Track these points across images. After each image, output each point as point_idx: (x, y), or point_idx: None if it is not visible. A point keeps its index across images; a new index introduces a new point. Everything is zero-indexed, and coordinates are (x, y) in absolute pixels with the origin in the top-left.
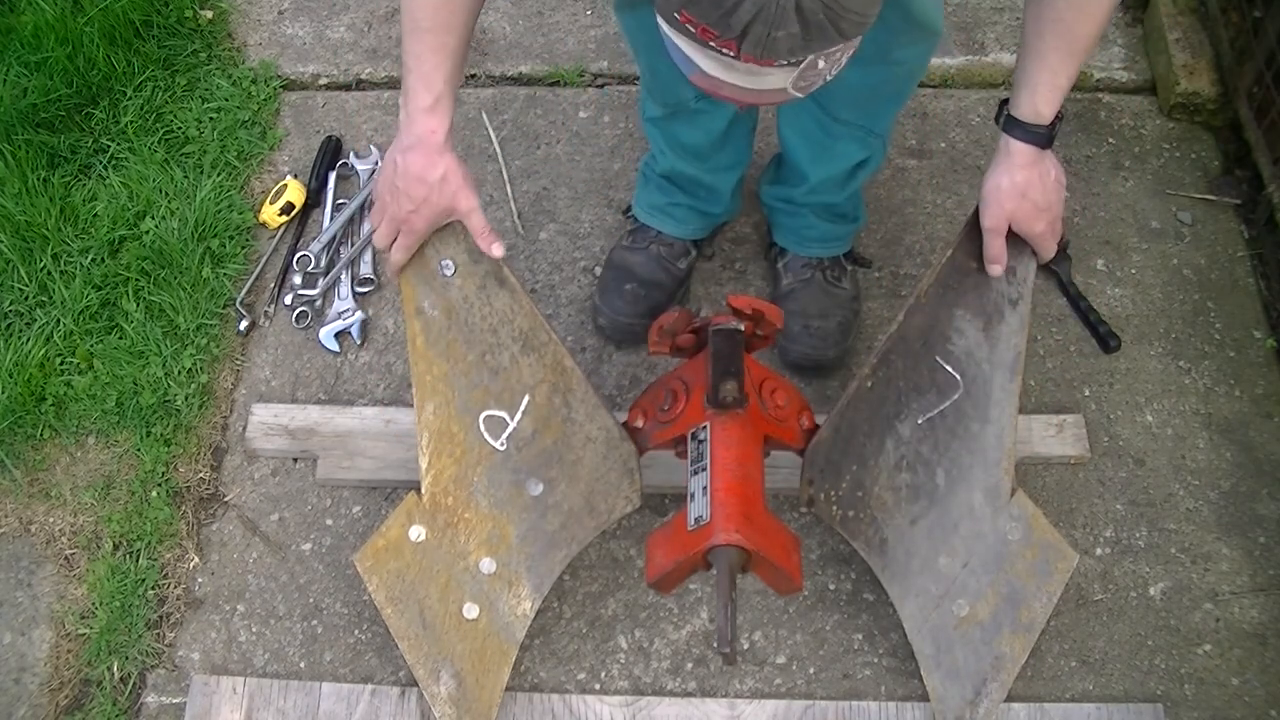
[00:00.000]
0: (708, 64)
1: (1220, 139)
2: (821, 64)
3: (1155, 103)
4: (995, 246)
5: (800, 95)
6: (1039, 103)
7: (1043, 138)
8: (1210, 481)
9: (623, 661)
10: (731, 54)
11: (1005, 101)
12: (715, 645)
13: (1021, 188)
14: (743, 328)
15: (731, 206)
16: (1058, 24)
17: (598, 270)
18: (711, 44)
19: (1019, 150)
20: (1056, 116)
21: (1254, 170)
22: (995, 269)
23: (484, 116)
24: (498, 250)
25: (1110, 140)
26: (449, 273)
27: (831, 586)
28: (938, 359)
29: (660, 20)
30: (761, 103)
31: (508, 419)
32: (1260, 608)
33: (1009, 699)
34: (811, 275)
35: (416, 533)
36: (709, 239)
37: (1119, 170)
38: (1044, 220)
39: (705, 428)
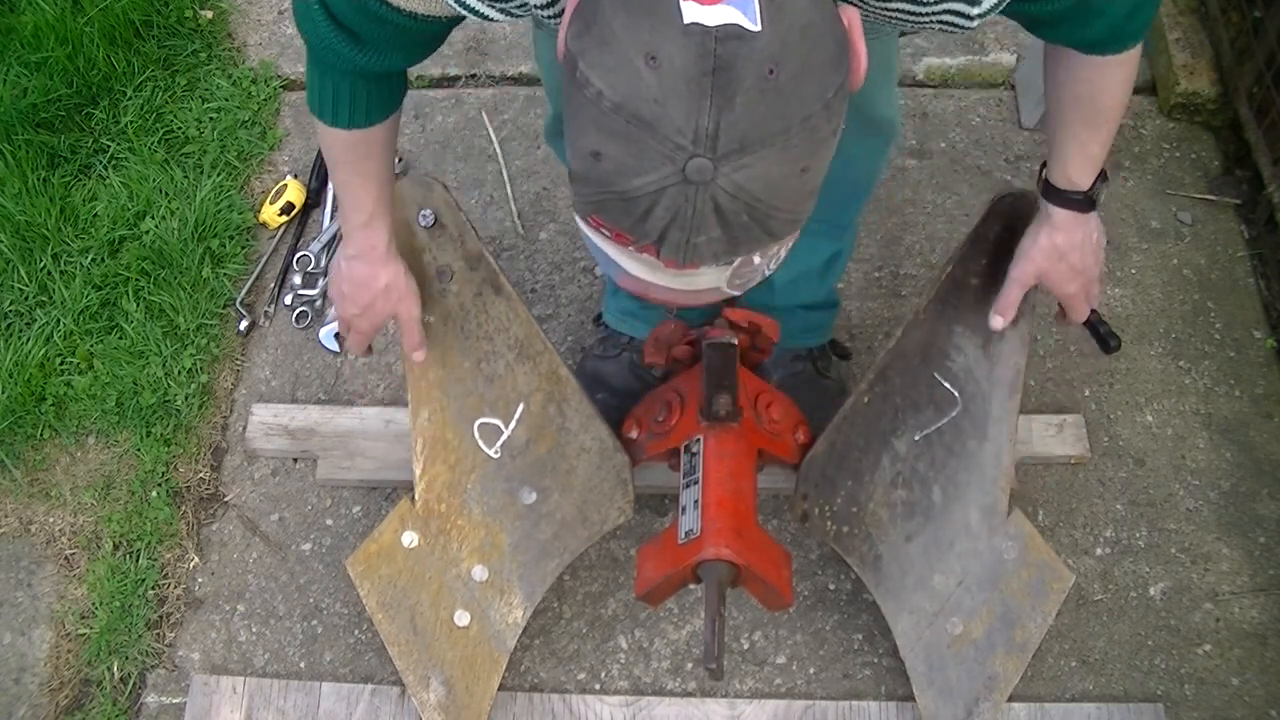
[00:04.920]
0: (632, 266)
1: (1220, 139)
2: (757, 259)
3: (1155, 103)
4: (1010, 296)
5: (738, 293)
6: (1071, 172)
7: (1083, 203)
8: (1210, 481)
9: (623, 661)
10: (653, 257)
11: (1044, 164)
12: (702, 661)
13: (1061, 249)
14: (737, 341)
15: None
16: (1077, 99)
17: (598, 270)
18: (630, 248)
19: (1059, 214)
20: (1099, 177)
21: (1254, 170)
22: (997, 321)
23: (484, 116)
24: (418, 357)
25: None
26: (446, 279)
27: (831, 586)
28: (936, 376)
29: (579, 222)
30: (697, 304)
31: (502, 427)
32: (1260, 608)
33: (1009, 699)
34: (802, 368)
35: (409, 539)
36: None
37: (1119, 170)
38: (1078, 283)
39: (699, 440)
